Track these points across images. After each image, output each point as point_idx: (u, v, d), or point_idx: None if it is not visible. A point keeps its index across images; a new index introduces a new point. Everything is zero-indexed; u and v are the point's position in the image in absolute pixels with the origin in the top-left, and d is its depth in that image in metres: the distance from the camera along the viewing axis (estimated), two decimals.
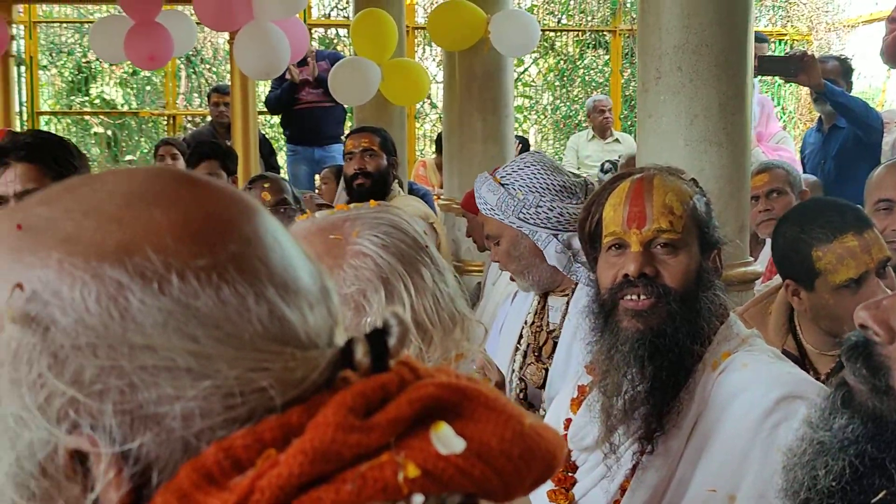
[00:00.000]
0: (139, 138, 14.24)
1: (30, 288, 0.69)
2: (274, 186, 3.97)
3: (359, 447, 0.70)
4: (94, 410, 0.69)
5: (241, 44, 5.40)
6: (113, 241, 0.70)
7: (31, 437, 0.69)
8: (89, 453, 0.69)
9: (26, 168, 2.64)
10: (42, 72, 12.60)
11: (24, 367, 0.69)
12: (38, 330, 0.69)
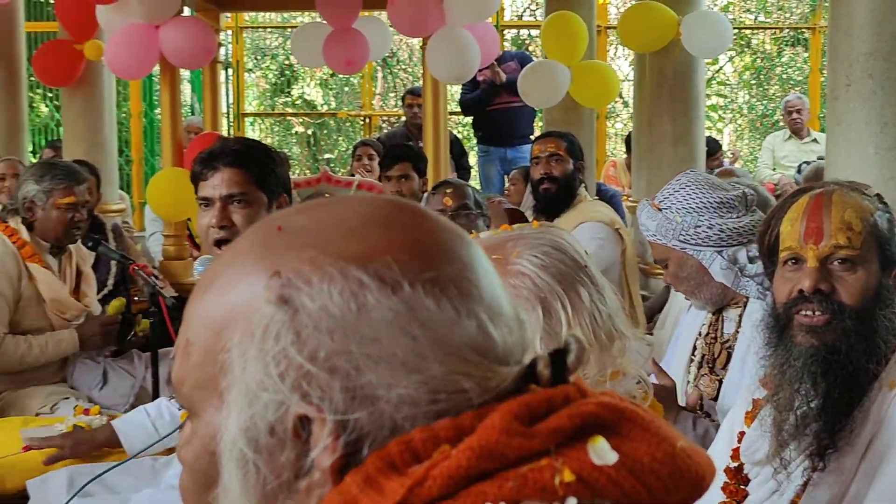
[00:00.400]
0: (337, 138, 14.70)
1: (286, 275, 0.83)
2: (456, 192, 4.07)
3: (521, 450, 0.79)
4: (323, 384, 0.81)
5: (433, 48, 5.53)
6: (360, 248, 0.84)
7: (267, 399, 0.82)
8: (314, 419, 0.81)
9: (233, 173, 2.82)
10: (247, 74, 13.16)
11: (272, 341, 0.82)
12: (289, 311, 0.82)
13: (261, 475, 0.84)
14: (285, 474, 0.84)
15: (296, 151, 14.62)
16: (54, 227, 4.14)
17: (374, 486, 0.79)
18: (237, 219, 2.80)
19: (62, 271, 4.30)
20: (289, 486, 0.84)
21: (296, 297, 0.82)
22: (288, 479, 0.84)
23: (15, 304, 4.07)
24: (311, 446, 0.82)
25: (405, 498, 0.78)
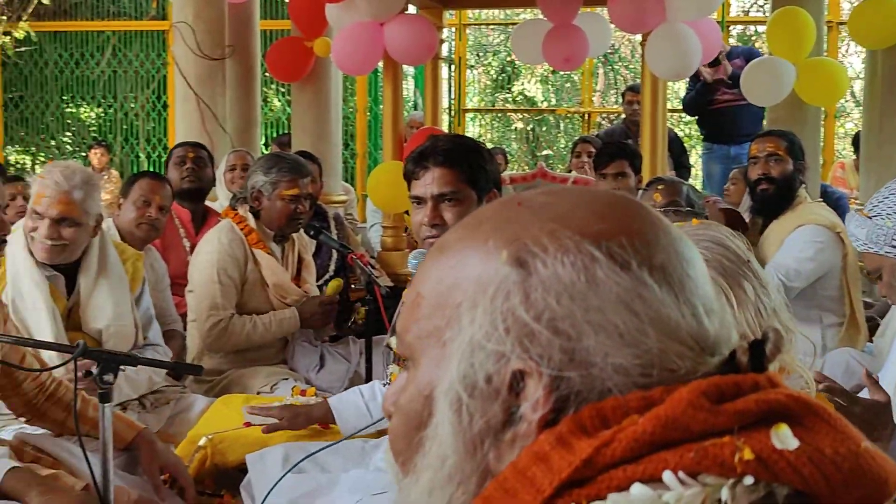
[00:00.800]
0: (557, 134, 14.70)
1: (524, 241, 0.90)
2: (667, 189, 4.03)
3: (705, 424, 0.83)
4: (544, 343, 0.87)
5: (653, 44, 5.47)
6: (596, 227, 0.90)
7: (490, 350, 0.89)
8: (530, 374, 0.87)
9: (443, 172, 2.85)
10: (469, 71, 13.35)
11: (502, 298, 0.89)
12: (522, 273, 0.89)
13: (471, 419, 0.89)
14: (493, 422, 0.89)
15: (514, 147, 14.72)
16: (278, 217, 4.33)
17: (565, 444, 0.85)
18: (448, 217, 2.83)
19: (285, 258, 4.50)
20: (495, 434, 0.89)
21: (531, 261, 0.89)
22: (495, 428, 0.89)
23: (241, 288, 4.30)
24: (521, 400, 0.88)
25: (591, 456, 0.83)
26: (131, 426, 3.06)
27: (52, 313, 3.46)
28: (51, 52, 12.80)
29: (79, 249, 3.57)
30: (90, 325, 3.62)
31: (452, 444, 0.91)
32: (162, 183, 4.62)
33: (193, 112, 6.77)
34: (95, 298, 3.62)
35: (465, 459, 0.90)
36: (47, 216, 3.45)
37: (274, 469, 2.87)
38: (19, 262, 3.50)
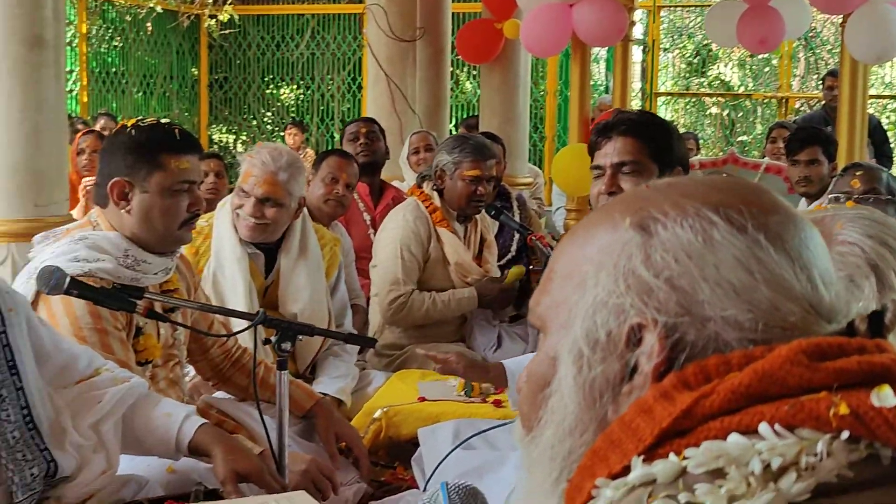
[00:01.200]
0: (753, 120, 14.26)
1: (647, 209, 0.97)
2: (867, 175, 3.84)
3: (801, 380, 0.86)
4: (661, 297, 0.93)
5: (853, 26, 5.23)
6: (715, 198, 0.96)
7: (611, 306, 0.95)
8: (647, 328, 0.93)
9: (626, 142, 2.81)
10: (663, 54, 13.10)
11: (625, 258, 0.95)
12: (644, 236, 0.95)
13: (591, 374, 0.95)
14: (612, 375, 0.95)
15: (709, 133, 14.38)
16: (458, 197, 4.36)
17: (668, 397, 0.89)
18: (626, 186, 2.76)
19: (467, 237, 4.53)
20: (613, 388, 0.95)
21: (652, 225, 0.96)
22: (614, 381, 0.95)
23: (423, 265, 4.36)
24: (638, 352, 0.93)
25: (690, 407, 0.87)
26: (309, 395, 3.15)
27: (249, 289, 3.59)
28: (253, 34, 13.29)
29: (280, 230, 3.69)
30: (286, 306, 3.73)
31: (574, 398, 0.96)
32: (349, 161, 4.72)
33: (384, 93, 6.89)
34: (294, 280, 3.74)
35: (585, 412, 0.95)
36: (253, 195, 3.58)
37: (444, 444, 2.90)
38: (224, 236, 3.65)
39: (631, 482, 0.86)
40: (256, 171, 3.59)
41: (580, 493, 0.91)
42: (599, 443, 0.92)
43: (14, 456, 2.25)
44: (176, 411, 2.50)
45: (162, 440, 2.48)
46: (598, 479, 0.89)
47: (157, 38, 12.74)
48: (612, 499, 0.87)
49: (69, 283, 2.41)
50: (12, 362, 2.31)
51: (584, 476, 0.91)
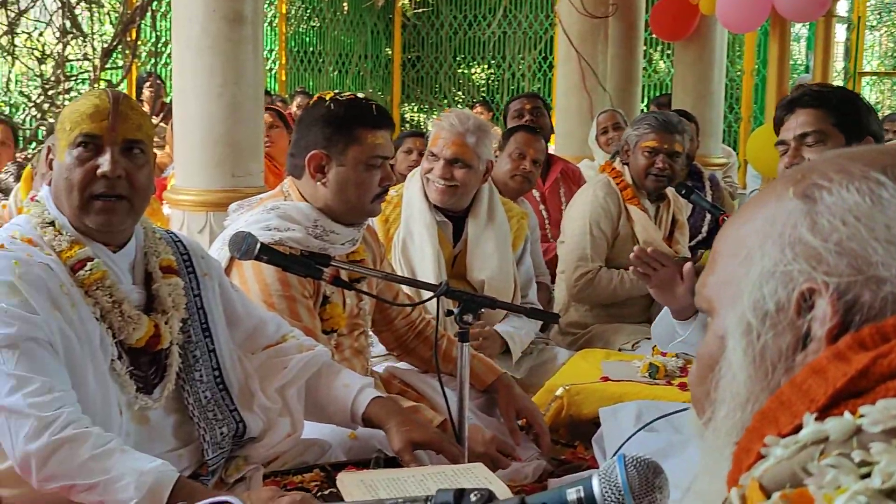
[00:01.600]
0: None
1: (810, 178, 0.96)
2: None
3: None
4: (831, 261, 0.91)
5: None
6: (881, 161, 0.94)
7: (779, 276, 0.93)
8: (818, 293, 0.91)
9: (808, 113, 2.75)
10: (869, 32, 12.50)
11: (790, 228, 0.94)
12: (809, 202, 0.94)
13: (763, 346, 0.94)
14: (785, 346, 0.93)
15: None
16: (637, 170, 4.28)
17: (842, 358, 0.88)
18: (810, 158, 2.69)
19: (658, 217, 4.43)
20: (786, 358, 0.93)
21: (817, 193, 0.94)
22: (787, 352, 0.93)
23: (611, 242, 4.30)
24: (811, 318, 0.92)
25: (867, 367, 0.86)
26: (491, 369, 3.15)
27: (437, 257, 3.63)
28: (446, 13, 13.40)
29: (469, 194, 3.72)
30: (473, 273, 3.76)
31: (745, 371, 0.94)
32: (537, 137, 4.70)
33: (574, 70, 6.83)
34: (481, 246, 3.77)
35: (757, 384, 0.93)
36: (442, 157, 3.63)
37: (626, 425, 2.84)
38: (414, 204, 3.71)
39: (802, 440, 0.84)
40: (445, 133, 3.64)
41: (748, 455, 0.89)
42: (769, 404, 0.91)
43: (205, 415, 2.33)
44: (354, 382, 2.54)
45: (340, 409, 2.53)
46: (766, 437, 0.87)
47: (353, 18, 13.02)
48: (782, 457, 0.84)
49: (259, 248, 2.48)
50: (206, 325, 2.40)
51: (753, 438, 0.90)
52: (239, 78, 4.02)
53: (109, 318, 2.19)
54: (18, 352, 2.02)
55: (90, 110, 2.16)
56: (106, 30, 8.94)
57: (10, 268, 2.07)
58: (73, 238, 2.19)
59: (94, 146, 2.16)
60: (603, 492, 1.05)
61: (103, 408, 2.13)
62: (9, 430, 2.01)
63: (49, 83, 7.92)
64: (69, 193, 2.17)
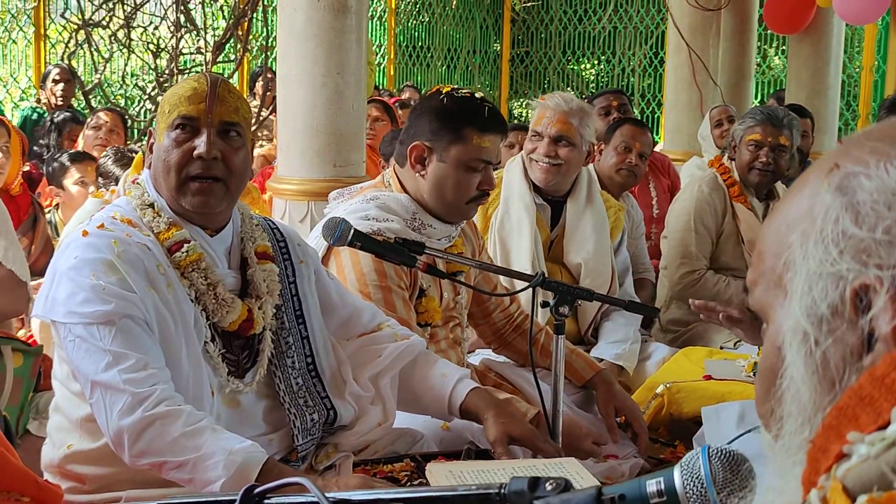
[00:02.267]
0: None
1: (844, 166, 0.88)
2: None
3: None
4: (882, 254, 0.84)
5: None
6: None
7: (827, 277, 0.86)
8: (873, 287, 0.84)
9: None
10: None
11: (831, 224, 0.86)
12: (847, 194, 0.86)
13: (823, 352, 0.86)
14: (849, 351, 0.85)
15: None
16: (742, 165, 4.20)
17: None
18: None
19: (766, 216, 4.32)
20: (852, 363, 0.85)
21: (853, 181, 0.86)
22: (851, 358, 0.85)
23: (716, 240, 4.20)
24: (871, 315, 0.84)
25: None
26: (590, 365, 3.09)
27: (535, 239, 3.61)
28: (556, 8, 13.31)
29: (572, 174, 3.70)
30: (570, 256, 3.73)
31: (808, 383, 0.87)
32: (643, 130, 4.60)
33: (684, 64, 6.71)
34: (580, 228, 3.74)
35: (826, 397, 0.86)
36: (546, 135, 3.61)
37: (728, 425, 2.76)
38: (514, 184, 3.69)
39: (891, 437, 0.77)
40: (549, 112, 3.64)
41: (826, 455, 0.82)
42: (847, 400, 0.82)
43: (296, 401, 2.33)
44: (451, 373, 2.52)
45: (436, 400, 2.50)
46: (849, 434, 0.80)
47: (462, 13, 13.02)
48: (868, 455, 0.77)
49: (353, 234, 2.47)
50: (300, 311, 2.40)
51: (830, 436, 0.82)
52: (342, 68, 4.03)
53: (204, 300, 2.21)
54: (115, 328, 2.05)
55: (188, 93, 2.19)
56: (219, 24, 9.11)
57: (110, 246, 2.11)
58: (170, 220, 2.22)
59: (191, 128, 2.18)
60: (685, 484, 1.00)
61: (196, 388, 2.15)
62: (104, 405, 2.05)
63: (163, 76, 8.08)
64: (167, 174, 2.19)
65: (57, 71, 7.20)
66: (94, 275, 2.07)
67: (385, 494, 1.08)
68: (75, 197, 4.54)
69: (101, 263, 2.08)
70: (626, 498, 0.96)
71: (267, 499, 1.10)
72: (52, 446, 2.27)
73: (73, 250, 2.12)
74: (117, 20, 8.14)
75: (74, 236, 2.16)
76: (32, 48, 8.91)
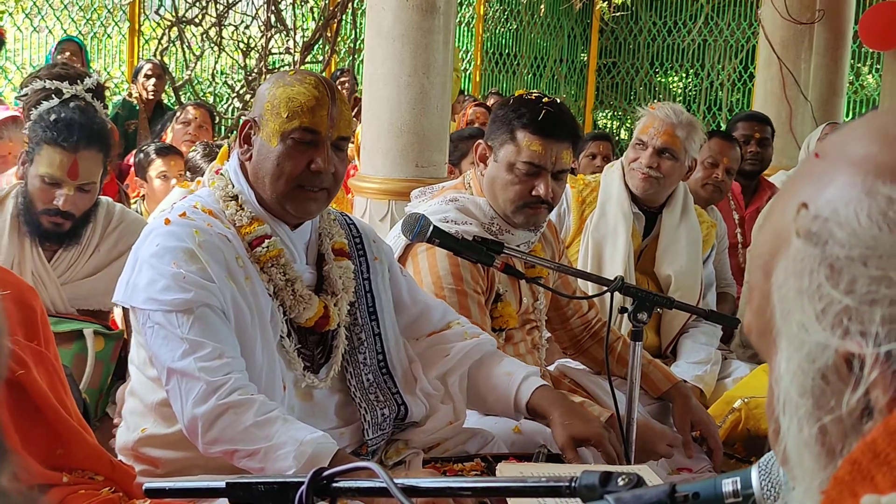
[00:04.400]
0: None
1: (812, 207, 0.77)
2: None
3: None
4: (864, 317, 0.73)
5: None
6: (892, 161, 0.75)
7: (811, 343, 0.76)
8: (856, 356, 0.74)
9: None
10: None
11: (807, 278, 0.76)
12: (819, 244, 0.75)
13: (821, 427, 0.77)
14: (846, 420, 0.76)
15: None
16: None
17: None
18: None
19: None
20: (853, 433, 0.76)
21: (823, 228, 0.76)
22: (851, 429, 0.76)
23: None
24: (866, 387, 0.74)
25: None
26: (667, 377, 3.05)
27: (627, 246, 3.58)
28: (645, 19, 13.20)
29: (670, 187, 3.65)
30: (662, 267, 3.69)
31: (811, 453, 0.78)
32: (732, 144, 4.50)
33: (775, 77, 6.60)
34: (674, 241, 3.69)
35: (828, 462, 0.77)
36: (650, 145, 3.58)
37: None
38: (613, 189, 3.66)
39: None
40: (657, 123, 3.59)
41: None
42: (859, 455, 0.74)
43: (367, 397, 2.33)
44: (517, 371, 2.49)
45: (501, 399, 2.48)
46: (864, 498, 0.71)
47: (550, 22, 12.98)
48: None
49: (432, 230, 2.46)
50: (373, 308, 2.41)
51: (843, 491, 0.74)
52: (428, 68, 4.04)
53: (281, 295, 2.22)
54: (193, 316, 2.08)
55: (311, 103, 2.18)
56: (308, 25, 9.20)
57: (191, 235, 2.13)
58: (253, 214, 2.23)
59: (311, 140, 2.19)
60: (762, 485, 0.97)
61: (268, 381, 2.17)
62: (179, 392, 2.08)
63: (251, 75, 8.19)
64: (276, 179, 2.20)
65: (149, 66, 7.33)
66: (174, 263, 2.10)
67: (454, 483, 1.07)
68: (157, 189, 4.61)
69: (182, 252, 2.11)
70: (700, 496, 0.93)
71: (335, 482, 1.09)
72: (127, 429, 2.30)
73: (154, 238, 2.15)
74: (210, 18, 8.27)
75: (156, 224, 2.19)
76: (126, 43, 9.09)
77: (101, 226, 3.16)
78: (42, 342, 2.08)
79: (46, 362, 2.08)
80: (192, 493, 1.40)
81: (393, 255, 2.58)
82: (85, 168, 2.99)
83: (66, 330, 2.97)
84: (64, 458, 2.07)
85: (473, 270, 2.72)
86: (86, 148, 2.98)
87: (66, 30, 8.92)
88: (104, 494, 2.06)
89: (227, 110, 8.72)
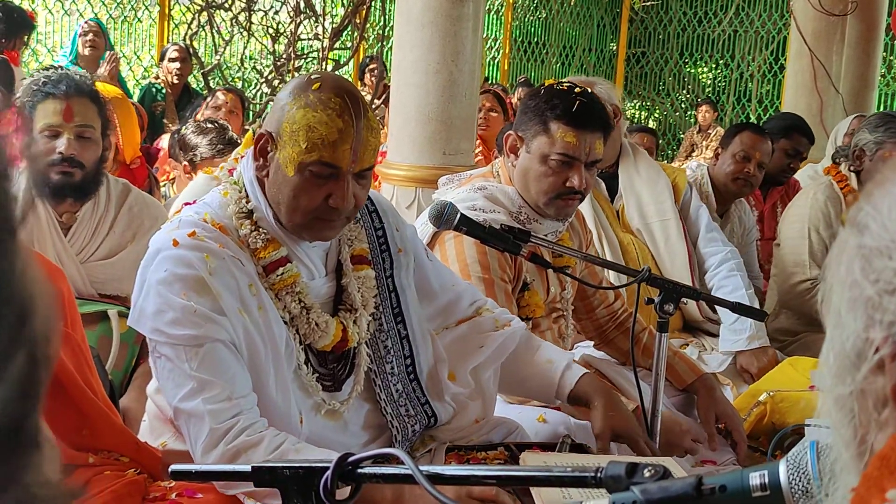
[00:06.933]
0: None
1: (864, 200, 0.79)
2: None
3: None
4: (891, 309, 0.74)
5: None
6: None
7: (853, 332, 0.77)
8: (884, 346, 0.74)
9: None
10: None
11: (844, 266, 0.78)
12: (858, 234, 0.77)
13: (853, 415, 0.78)
14: (870, 406, 0.77)
15: None
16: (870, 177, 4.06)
17: None
18: None
19: None
20: (877, 417, 0.77)
21: (863, 219, 0.77)
22: (873, 412, 0.77)
23: (830, 248, 4.09)
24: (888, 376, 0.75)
25: None
26: (693, 369, 3.03)
27: (594, 209, 3.60)
28: (675, 9, 13.12)
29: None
30: (633, 216, 3.73)
31: (844, 440, 0.79)
32: (764, 138, 4.44)
33: (806, 69, 6.55)
34: (634, 193, 3.74)
35: (858, 456, 0.78)
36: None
37: None
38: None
39: None
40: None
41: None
42: (889, 451, 0.74)
43: (398, 410, 2.27)
44: (558, 359, 2.48)
45: (542, 386, 2.46)
46: (890, 491, 0.72)
47: (580, 11, 12.93)
48: None
49: (459, 218, 2.45)
50: (398, 309, 2.32)
51: (872, 488, 0.74)
52: (456, 56, 4.03)
53: (297, 322, 2.13)
54: (202, 351, 1.98)
55: (332, 136, 2.01)
56: (337, 11, 9.21)
57: (202, 261, 2.01)
58: (269, 236, 2.11)
59: (330, 174, 2.04)
60: (790, 478, 0.96)
61: (283, 413, 2.08)
62: (188, 433, 2.01)
63: (280, 60, 8.19)
64: (292, 211, 2.07)
65: (174, 48, 7.35)
66: (184, 294, 1.98)
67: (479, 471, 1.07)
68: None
69: (192, 281, 1.99)
70: (727, 489, 0.93)
71: (360, 468, 1.10)
72: (150, 433, 2.26)
73: (163, 262, 2.03)
74: (239, 3, 8.27)
75: (164, 244, 2.05)
76: (156, 28, 9.13)
77: (116, 203, 3.14)
78: (69, 324, 2.09)
79: (73, 344, 2.09)
80: (219, 477, 1.40)
81: (417, 237, 2.50)
82: (79, 111, 2.96)
83: (91, 311, 2.98)
84: (90, 438, 2.08)
85: (501, 259, 2.71)
86: (77, 95, 2.96)
87: (97, 13, 8.97)
88: (130, 476, 2.07)
89: (255, 95, 8.73)
